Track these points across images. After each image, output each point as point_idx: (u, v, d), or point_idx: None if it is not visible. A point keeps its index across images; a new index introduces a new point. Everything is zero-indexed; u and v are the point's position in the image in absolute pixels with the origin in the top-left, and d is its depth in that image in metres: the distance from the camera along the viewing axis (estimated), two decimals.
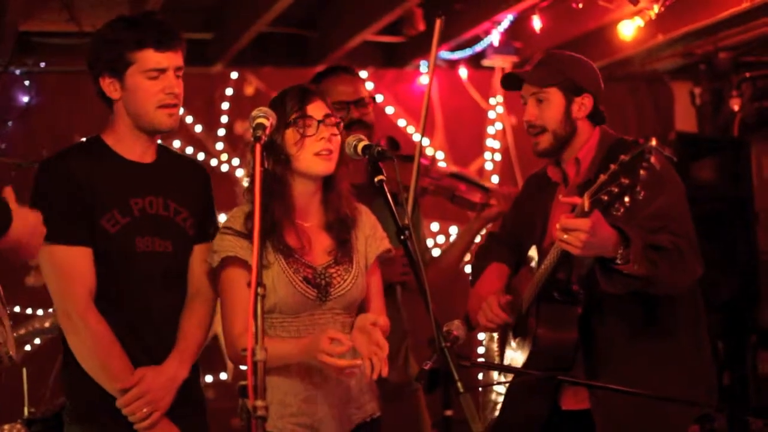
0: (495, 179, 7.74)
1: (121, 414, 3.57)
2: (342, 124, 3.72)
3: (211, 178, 4.02)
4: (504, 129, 7.99)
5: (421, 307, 3.68)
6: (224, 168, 7.26)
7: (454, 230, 7.58)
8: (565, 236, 3.45)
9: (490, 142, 7.98)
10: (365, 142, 3.53)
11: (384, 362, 3.40)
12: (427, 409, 4.73)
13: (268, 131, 3.28)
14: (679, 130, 8.14)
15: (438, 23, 4.79)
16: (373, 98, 4.69)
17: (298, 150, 3.60)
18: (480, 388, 4.27)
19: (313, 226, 3.72)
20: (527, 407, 3.98)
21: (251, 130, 3.27)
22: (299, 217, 3.70)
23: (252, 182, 3.59)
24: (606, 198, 3.31)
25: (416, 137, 7.54)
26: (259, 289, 2.89)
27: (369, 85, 6.70)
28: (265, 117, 3.29)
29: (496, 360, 4.18)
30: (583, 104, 3.94)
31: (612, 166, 3.30)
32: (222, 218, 6.99)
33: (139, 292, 3.68)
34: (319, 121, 3.61)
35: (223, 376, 7.03)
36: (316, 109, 3.63)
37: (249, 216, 3.65)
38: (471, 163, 7.81)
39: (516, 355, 4.00)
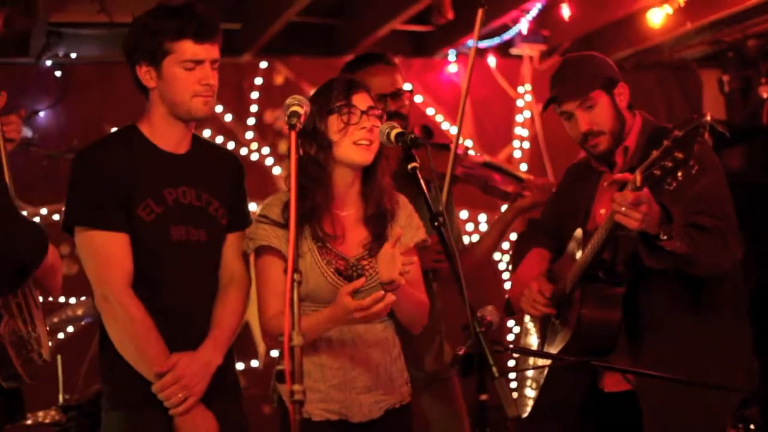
0: (523, 167, 7.73)
1: (158, 400, 3.59)
2: (384, 117, 3.76)
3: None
4: (532, 117, 7.98)
5: (453, 294, 3.70)
6: (254, 157, 7.28)
7: (483, 218, 7.59)
8: (624, 209, 3.47)
9: (519, 131, 7.98)
10: (398, 130, 3.55)
11: (414, 270, 3.52)
12: (462, 395, 4.74)
13: (302, 119, 3.29)
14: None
15: (480, 13, 4.77)
16: (410, 89, 4.70)
17: (341, 137, 3.66)
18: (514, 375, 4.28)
19: (350, 217, 3.76)
20: (567, 388, 4.02)
21: (286, 118, 3.27)
22: (336, 207, 3.74)
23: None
24: (659, 173, 3.34)
25: (444, 126, 7.58)
26: (296, 276, 2.91)
27: None
28: (299, 105, 3.31)
29: (537, 342, 4.19)
30: (621, 94, 3.99)
31: (665, 142, 3.33)
32: (252, 206, 7.07)
33: (174, 281, 3.71)
34: (363, 112, 3.67)
35: (255, 363, 7.06)
36: (361, 100, 3.69)
37: (287, 205, 3.68)
38: (499, 151, 7.82)
39: (559, 336, 4.02)
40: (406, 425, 3.82)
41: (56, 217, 6.57)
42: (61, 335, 6.73)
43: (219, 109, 7.14)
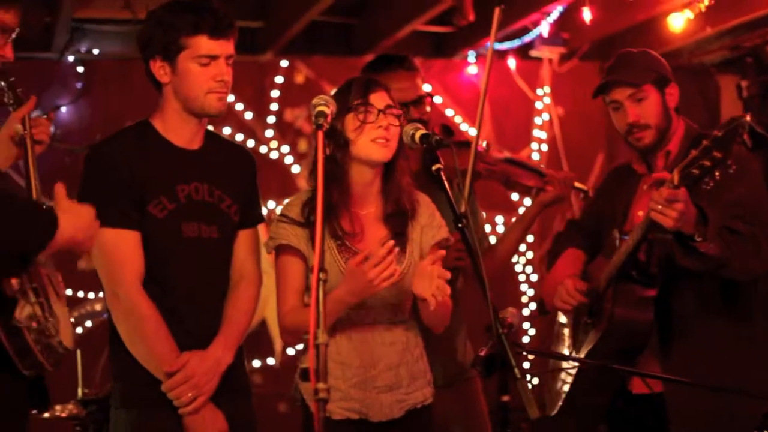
0: None
1: (167, 399, 3.58)
2: (403, 117, 3.75)
3: (261, 165, 4.04)
4: (551, 119, 8.01)
5: (474, 294, 3.71)
6: (274, 155, 7.31)
7: (500, 219, 7.62)
8: (659, 207, 3.50)
9: (537, 133, 8.01)
10: (423, 131, 3.57)
11: (443, 288, 3.45)
12: (483, 396, 4.75)
13: (329, 119, 3.31)
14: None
15: (497, 12, 4.78)
16: (431, 95, 4.70)
17: (357, 135, 3.66)
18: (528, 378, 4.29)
19: (369, 215, 3.77)
20: (595, 388, 4.04)
21: (313, 118, 3.29)
22: (355, 205, 3.75)
23: (313, 168, 3.68)
24: (697, 172, 3.38)
25: (463, 127, 7.60)
26: (321, 275, 2.91)
27: None
28: (325, 105, 3.33)
29: (568, 341, 4.21)
30: (672, 95, 4.01)
31: (704, 142, 3.37)
32: (271, 204, 7.10)
33: (185, 278, 3.69)
34: (380, 110, 3.67)
35: (271, 361, 7.06)
36: (379, 99, 3.69)
37: (306, 204, 3.71)
38: (518, 152, 7.81)
39: (590, 334, 4.04)
40: (426, 425, 3.81)
41: None
42: (79, 330, 6.77)
43: (240, 107, 7.17)
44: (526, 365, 6.70)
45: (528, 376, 6.66)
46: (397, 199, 3.76)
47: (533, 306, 7.79)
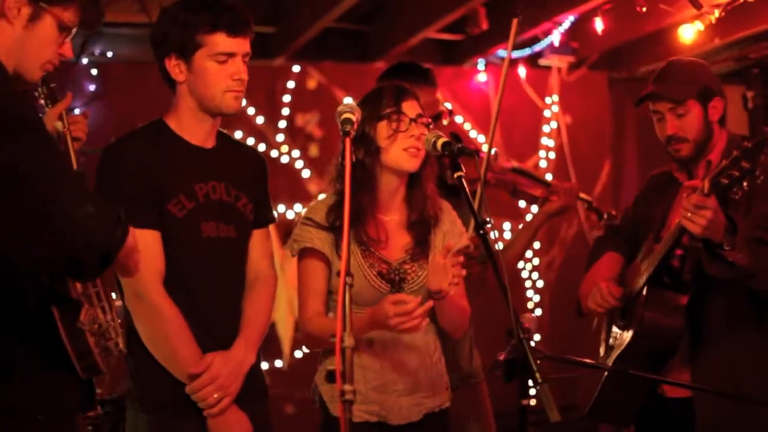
0: (549, 177, 7.80)
1: (190, 403, 3.53)
2: (432, 126, 3.78)
3: (271, 170, 4.00)
4: (559, 127, 8.08)
5: (480, 298, 3.77)
6: (284, 159, 7.35)
7: (507, 226, 7.67)
8: (689, 214, 3.55)
9: (545, 140, 8.07)
10: (444, 139, 3.58)
11: (460, 279, 3.52)
12: (490, 399, 4.79)
13: (355, 126, 3.29)
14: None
15: (514, 23, 4.82)
16: (451, 111, 4.75)
17: (390, 144, 3.70)
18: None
19: (393, 222, 3.81)
20: (628, 389, 4.08)
21: (339, 125, 3.27)
22: (380, 211, 3.79)
23: (339, 174, 3.73)
24: (726, 181, 3.44)
25: (472, 134, 7.65)
26: (348, 279, 2.93)
27: None
28: (351, 112, 3.30)
29: (602, 343, 4.26)
30: (716, 108, 4.02)
31: (734, 152, 3.43)
32: (281, 209, 7.14)
33: (205, 278, 3.63)
34: (412, 119, 3.71)
35: (279, 363, 7.12)
36: (410, 108, 3.74)
37: (332, 209, 3.75)
38: (526, 160, 7.88)
39: (621, 336, 4.08)
40: (444, 429, 3.85)
41: None
42: None
43: (251, 111, 7.21)
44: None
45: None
46: (422, 207, 3.80)
47: (539, 312, 7.84)
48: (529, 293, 7.95)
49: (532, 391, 3.06)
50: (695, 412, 3.92)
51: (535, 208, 5.18)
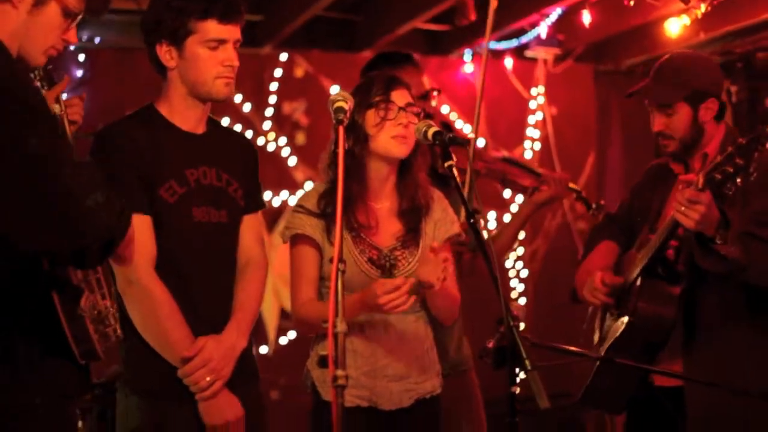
0: None
1: (182, 386, 3.55)
2: (422, 114, 3.83)
3: (259, 157, 4.02)
4: (544, 119, 8.11)
5: (469, 287, 3.80)
6: (271, 147, 7.35)
7: (492, 215, 7.69)
8: (683, 209, 3.60)
9: (531, 131, 8.10)
10: (435, 129, 3.60)
11: (450, 272, 3.55)
12: (479, 388, 4.82)
13: (348, 114, 3.31)
14: None
15: (492, 5, 4.84)
16: (437, 90, 4.78)
17: (377, 131, 3.75)
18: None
19: (384, 209, 3.85)
20: (618, 378, 4.12)
21: (332, 114, 3.29)
22: (371, 199, 3.83)
23: (331, 162, 3.77)
24: (719, 177, 3.49)
25: (458, 124, 7.68)
26: (340, 265, 2.95)
27: None
28: (344, 101, 3.32)
29: (596, 330, 4.31)
30: (708, 108, 4.03)
31: (729, 148, 3.48)
32: (267, 195, 7.14)
33: (197, 262, 3.66)
34: (400, 108, 3.76)
35: (264, 349, 7.12)
36: (399, 97, 3.78)
37: (323, 195, 3.80)
38: (511, 150, 7.88)
39: (615, 325, 4.12)
40: (434, 415, 3.89)
41: None
42: None
43: (238, 98, 7.20)
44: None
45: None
46: (413, 195, 3.84)
47: (523, 301, 7.88)
48: (513, 282, 7.99)
49: (520, 379, 3.09)
50: (686, 402, 3.96)
51: (520, 198, 5.21)
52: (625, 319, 4.01)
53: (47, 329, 2.89)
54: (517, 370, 3.09)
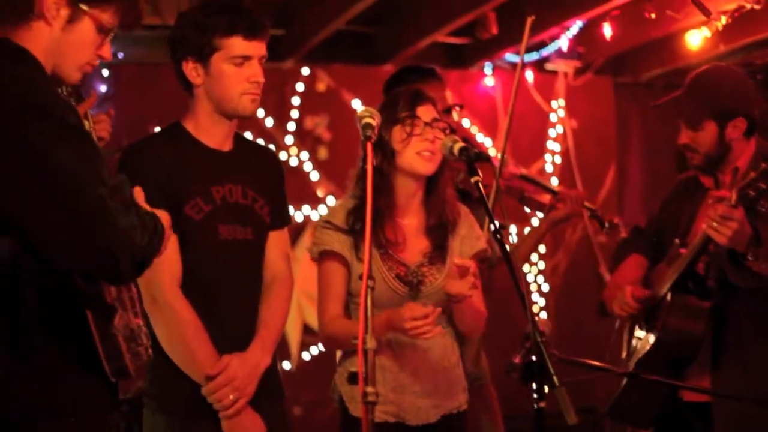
0: (554, 181, 7.87)
1: (206, 404, 3.56)
2: (448, 130, 3.82)
3: None
4: (565, 132, 8.13)
5: (486, 303, 3.80)
6: (293, 162, 7.38)
7: (513, 230, 7.70)
8: (715, 224, 3.60)
9: (551, 145, 8.12)
10: (461, 144, 3.60)
11: (477, 286, 3.56)
12: (498, 402, 4.83)
13: (376, 131, 3.31)
14: None
15: (528, 22, 4.84)
16: (460, 105, 4.79)
17: (403, 147, 3.74)
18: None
19: (412, 225, 3.85)
20: (647, 393, 4.12)
21: (360, 130, 3.30)
22: (399, 215, 3.83)
23: (359, 178, 3.78)
24: (753, 193, 3.52)
25: (479, 138, 7.70)
26: (370, 282, 2.96)
27: None
28: (371, 117, 3.32)
29: (624, 345, 4.31)
30: (736, 126, 4.01)
31: (762, 165, 3.49)
32: (289, 211, 7.15)
33: (223, 280, 3.65)
34: (426, 123, 3.75)
35: (287, 365, 7.14)
36: (425, 112, 3.78)
37: (351, 212, 3.79)
38: (531, 164, 7.94)
39: (643, 340, 4.12)
40: (461, 431, 3.89)
41: None
42: None
43: (261, 113, 7.24)
44: None
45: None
46: (440, 211, 3.84)
47: (544, 315, 7.88)
48: (534, 297, 8.00)
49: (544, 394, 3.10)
50: (713, 418, 3.95)
51: (540, 214, 5.23)
52: (654, 334, 4.01)
53: (81, 347, 2.91)
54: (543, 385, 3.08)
